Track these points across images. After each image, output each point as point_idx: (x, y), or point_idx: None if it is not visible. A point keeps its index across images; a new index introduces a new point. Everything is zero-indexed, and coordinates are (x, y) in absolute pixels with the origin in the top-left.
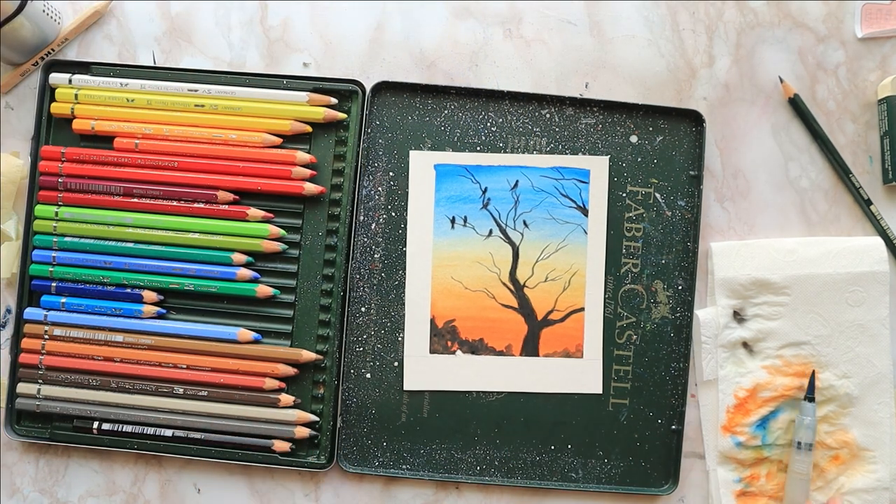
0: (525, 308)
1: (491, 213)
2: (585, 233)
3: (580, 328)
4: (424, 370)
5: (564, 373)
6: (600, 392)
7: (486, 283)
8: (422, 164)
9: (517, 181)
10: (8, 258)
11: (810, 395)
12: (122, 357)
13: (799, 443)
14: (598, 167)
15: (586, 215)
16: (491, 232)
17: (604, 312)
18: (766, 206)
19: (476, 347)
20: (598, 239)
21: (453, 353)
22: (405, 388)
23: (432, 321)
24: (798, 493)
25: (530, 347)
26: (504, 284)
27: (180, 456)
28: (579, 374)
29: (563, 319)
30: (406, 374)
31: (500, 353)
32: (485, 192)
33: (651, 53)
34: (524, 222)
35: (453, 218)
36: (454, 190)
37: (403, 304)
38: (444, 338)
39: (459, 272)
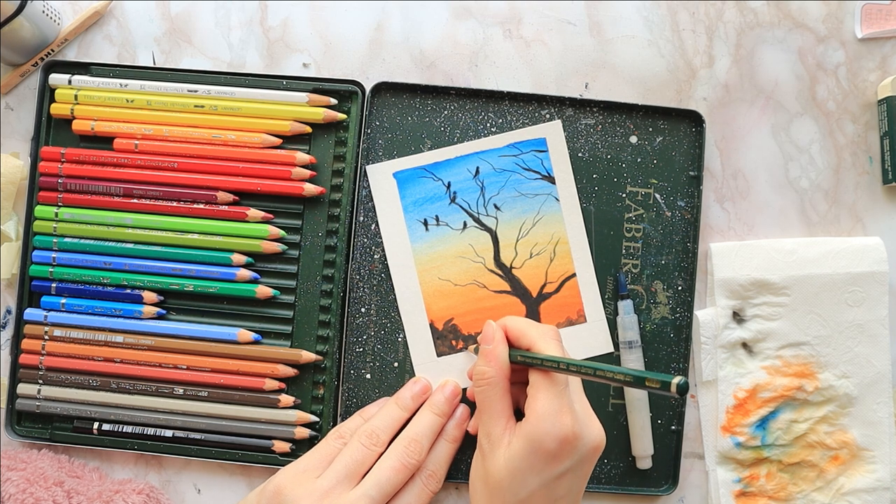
0: (518, 289)
1: (461, 206)
2: (557, 200)
3: (577, 294)
4: (436, 375)
5: (573, 340)
6: (612, 351)
7: (473, 274)
8: (381, 176)
9: (478, 168)
10: (8, 259)
11: (623, 292)
12: (122, 358)
13: (629, 343)
14: (552, 132)
15: (554, 182)
16: (465, 224)
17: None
18: (765, 206)
19: None
20: (572, 202)
21: (460, 350)
22: None
23: (431, 325)
24: (637, 390)
25: None
26: (491, 271)
27: (180, 456)
28: (587, 337)
29: (558, 290)
30: None
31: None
32: (449, 186)
33: (651, 54)
34: (495, 206)
35: (425, 220)
36: (419, 192)
37: None
38: (448, 338)
39: (445, 271)
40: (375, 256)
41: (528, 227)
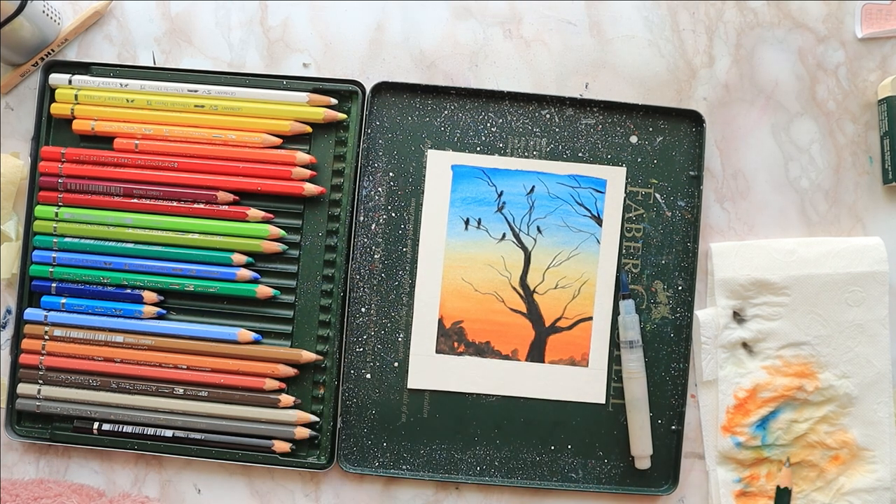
0: (533, 314)
1: (505, 217)
2: (598, 242)
3: (587, 337)
4: (429, 370)
5: (568, 381)
6: (603, 402)
7: (496, 286)
8: (439, 164)
9: (533, 187)
10: (8, 259)
11: (625, 292)
12: (122, 357)
13: (630, 342)
14: (615, 177)
15: (600, 225)
16: (504, 236)
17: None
18: (766, 206)
19: (482, 350)
20: (611, 249)
21: (459, 354)
22: (409, 386)
23: (440, 321)
24: (637, 390)
25: (536, 353)
26: (514, 289)
27: (180, 456)
28: (583, 382)
29: (570, 327)
30: (410, 372)
31: (506, 357)
32: (500, 195)
33: (651, 54)
34: (538, 228)
35: (467, 219)
36: (470, 191)
37: (403, 304)
38: (451, 338)
39: (470, 274)
40: (375, 256)
41: (563, 258)
